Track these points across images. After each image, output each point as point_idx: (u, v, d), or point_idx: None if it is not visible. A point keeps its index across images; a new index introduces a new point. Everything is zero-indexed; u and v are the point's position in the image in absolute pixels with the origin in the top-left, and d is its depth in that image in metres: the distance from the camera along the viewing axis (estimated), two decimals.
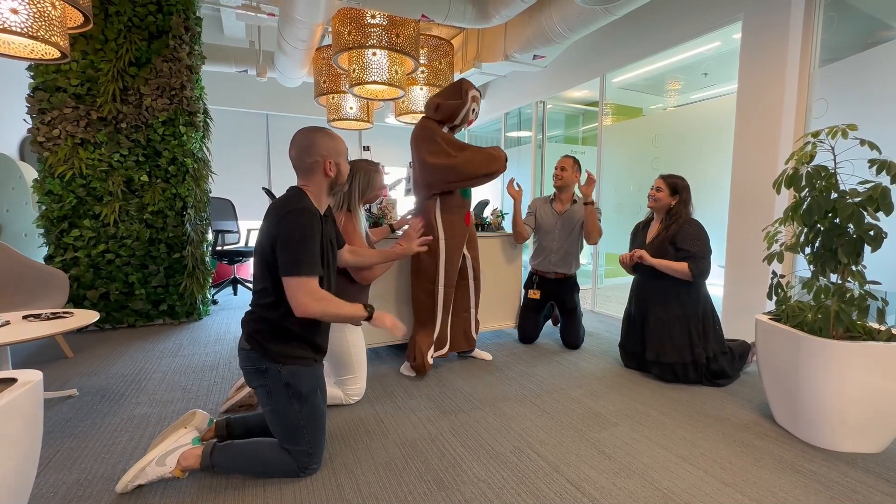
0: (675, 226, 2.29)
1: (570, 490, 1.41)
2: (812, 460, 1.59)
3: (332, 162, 1.46)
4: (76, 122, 3.02)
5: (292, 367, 1.42)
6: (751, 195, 2.72)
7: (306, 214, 1.36)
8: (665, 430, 1.79)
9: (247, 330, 1.45)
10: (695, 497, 1.38)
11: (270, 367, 1.41)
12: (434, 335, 2.40)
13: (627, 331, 2.52)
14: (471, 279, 2.53)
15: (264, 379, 1.42)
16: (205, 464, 1.41)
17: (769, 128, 2.61)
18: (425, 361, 2.31)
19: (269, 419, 1.45)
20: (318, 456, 1.49)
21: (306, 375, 1.45)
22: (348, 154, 1.55)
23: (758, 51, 2.66)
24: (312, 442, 1.45)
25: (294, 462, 1.44)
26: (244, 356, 1.45)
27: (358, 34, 2.95)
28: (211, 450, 1.42)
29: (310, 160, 1.44)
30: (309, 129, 1.47)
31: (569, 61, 4.33)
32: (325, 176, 1.47)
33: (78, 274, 3.07)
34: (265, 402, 1.45)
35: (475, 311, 2.59)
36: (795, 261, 2.53)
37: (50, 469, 1.49)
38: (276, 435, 1.46)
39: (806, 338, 1.64)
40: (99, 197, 3.11)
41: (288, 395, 1.41)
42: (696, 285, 2.27)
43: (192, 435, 1.47)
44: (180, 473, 1.40)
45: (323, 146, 1.45)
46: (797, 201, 1.71)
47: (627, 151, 3.84)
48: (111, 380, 2.27)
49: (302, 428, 1.43)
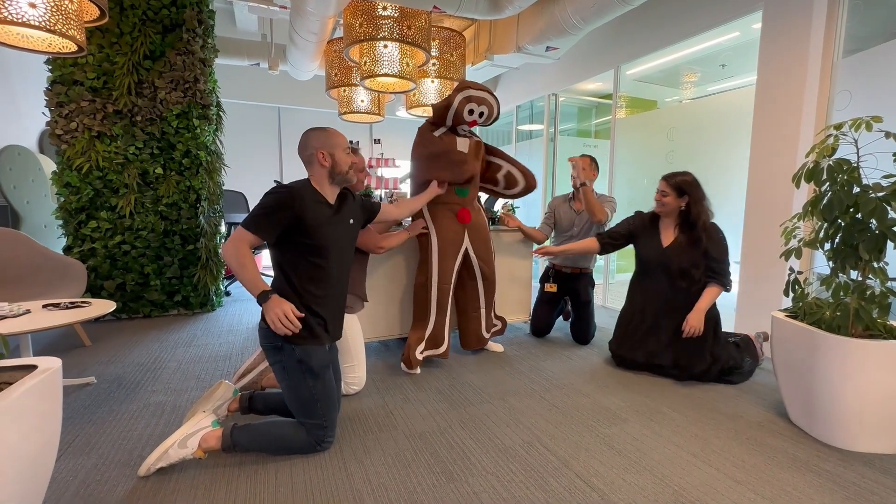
0: (706, 235, 2.15)
1: (580, 485, 1.40)
2: (827, 460, 1.56)
3: (325, 153, 1.55)
4: (93, 115, 3.07)
5: (304, 346, 1.50)
6: (769, 190, 2.65)
7: (283, 191, 1.47)
8: (676, 427, 1.78)
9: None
10: (706, 494, 1.36)
11: (285, 345, 1.49)
12: (426, 331, 2.34)
13: (626, 334, 2.36)
14: (479, 279, 2.49)
15: (280, 355, 1.50)
16: (226, 444, 1.47)
17: (789, 120, 2.54)
18: (412, 355, 2.25)
19: (286, 395, 1.55)
20: (332, 430, 1.58)
21: (317, 354, 1.53)
22: (346, 146, 1.62)
23: (778, 41, 2.58)
24: (326, 415, 1.55)
25: (310, 437, 1.53)
26: (262, 333, 1.53)
27: (369, 26, 2.93)
28: (231, 430, 1.48)
29: (306, 153, 1.57)
30: (309, 129, 1.60)
31: (582, 53, 4.26)
32: (321, 166, 1.55)
33: (95, 264, 3.13)
34: (282, 378, 1.54)
35: (486, 311, 2.54)
36: (813, 257, 2.47)
37: (70, 453, 1.53)
38: (293, 409, 1.55)
39: (824, 335, 1.60)
40: (115, 189, 3.16)
41: (301, 370, 1.50)
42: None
43: (211, 418, 1.53)
44: (202, 454, 1.44)
45: (316, 140, 1.56)
46: (817, 196, 1.66)
47: (641, 145, 3.78)
48: (128, 368, 2.32)
49: (316, 401, 1.53)
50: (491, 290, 2.55)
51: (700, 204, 2.18)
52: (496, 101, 2.40)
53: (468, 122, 2.34)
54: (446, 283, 2.34)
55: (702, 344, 2.17)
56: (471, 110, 2.30)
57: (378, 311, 2.58)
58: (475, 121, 2.35)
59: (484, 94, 2.32)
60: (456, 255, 2.38)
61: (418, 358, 2.28)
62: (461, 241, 2.40)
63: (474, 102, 2.30)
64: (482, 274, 2.49)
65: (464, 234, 2.41)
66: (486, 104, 2.34)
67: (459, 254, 2.40)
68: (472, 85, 2.31)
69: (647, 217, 2.41)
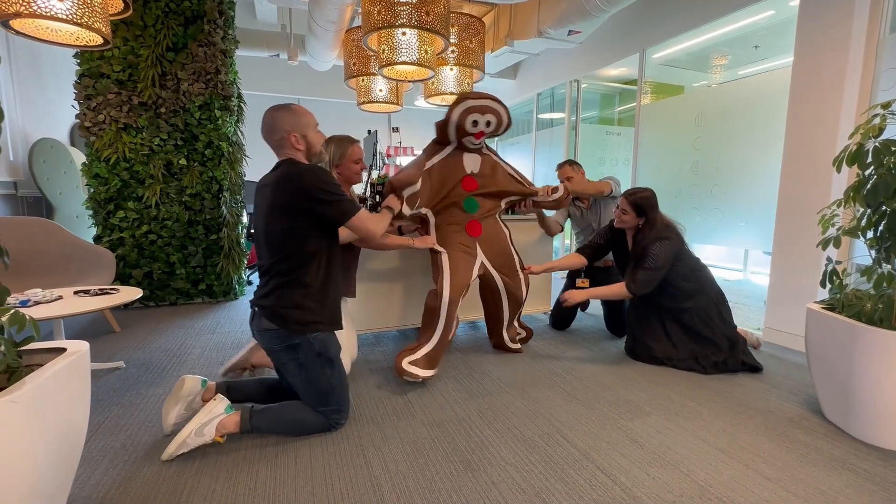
0: (642, 248, 2.23)
1: (601, 478, 1.37)
2: (866, 458, 1.48)
3: (297, 135, 1.48)
4: (119, 107, 3.14)
5: (320, 335, 1.50)
6: (804, 176, 2.52)
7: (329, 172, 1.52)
8: (702, 421, 1.72)
9: (269, 309, 1.48)
10: (734, 491, 1.31)
11: (302, 341, 1.47)
12: (425, 348, 2.06)
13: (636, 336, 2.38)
14: (503, 295, 2.33)
15: (296, 353, 1.49)
16: (244, 428, 1.50)
17: (828, 102, 2.40)
18: (399, 363, 1.97)
19: (302, 389, 1.55)
20: (347, 411, 1.63)
21: (333, 341, 1.54)
22: (316, 124, 1.55)
23: (819, 17, 2.43)
24: (342, 400, 1.59)
25: (327, 420, 1.57)
26: (269, 336, 1.49)
27: (387, 13, 2.90)
28: (250, 415, 1.51)
29: (276, 137, 1.48)
30: (271, 108, 1.50)
31: (606, 36, 4.13)
32: (295, 149, 1.50)
33: (124, 253, 3.23)
34: (296, 375, 1.52)
35: (508, 322, 2.41)
36: (853, 246, 2.34)
37: (100, 434, 1.58)
38: (308, 401, 1.56)
39: (864, 328, 1.51)
40: (141, 180, 3.24)
41: (321, 363, 1.50)
42: (696, 277, 2.23)
43: (224, 404, 1.53)
44: (220, 439, 1.47)
45: (285, 122, 1.47)
46: (860, 180, 1.56)
47: (667, 132, 3.64)
48: (154, 354, 2.39)
49: (333, 390, 1.56)
50: (515, 306, 2.38)
51: (652, 227, 2.24)
52: (503, 108, 2.19)
53: (474, 133, 2.16)
54: (458, 294, 2.15)
55: (712, 329, 2.18)
56: (474, 122, 2.12)
57: (396, 299, 2.59)
58: (482, 132, 2.17)
59: (486, 102, 2.13)
60: (470, 269, 2.23)
61: (404, 368, 1.97)
62: (474, 255, 2.27)
63: (476, 112, 2.11)
64: (506, 290, 2.33)
65: (475, 246, 2.28)
66: (491, 111, 2.14)
67: (474, 267, 2.25)
68: (471, 95, 2.14)
69: (611, 223, 2.52)
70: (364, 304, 2.51)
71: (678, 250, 2.22)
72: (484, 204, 2.34)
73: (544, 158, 5.44)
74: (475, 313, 2.76)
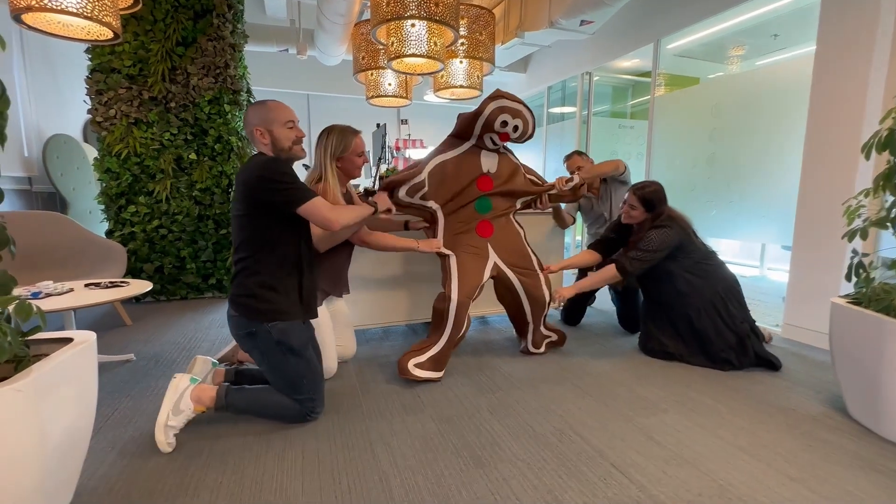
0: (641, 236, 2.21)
1: (616, 475, 1.33)
2: (895, 459, 1.42)
3: (262, 129, 1.51)
4: (130, 101, 3.15)
5: (280, 323, 1.49)
6: (827, 166, 2.43)
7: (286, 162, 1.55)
8: (721, 419, 1.66)
9: (231, 296, 1.53)
10: (756, 490, 1.26)
11: (259, 329, 1.48)
12: (432, 350, 2.02)
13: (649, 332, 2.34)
14: (523, 297, 2.24)
15: (255, 341, 1.50)
16: (219, 404, 1.51)
17: (853, 90, 2.31)
18: (404, 364, 1.97)
19: (270, 376, 1.56)
20: (321, 401, 1.62)
21: (295, 330, 1.52)
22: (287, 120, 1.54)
23: (844, 1, 2.34)
24: (314, 389, 1.58)
25: (300, 407, 1.57)
26: (232, 323, 1.53)
27: (396, 5, 2.86)
28: (226, 392, 1.51)
29: (247, 130, 1.55)
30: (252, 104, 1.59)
31: (619, 26, 4.04)
32: (261, 143, 1.53)
33: (135, 248, 3.25)
34: (261, 362, 1.54)
35: (534, 326, 2.30)
36: (879, 238, 2.26)
37: (109, 425, 1.58)
38: (279, 388, 1.56)
39: (893, 323, 1.45)
40: (152, 174, 3.25)
41: (282, 351, 1.50)
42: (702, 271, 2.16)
43: (187, 377, 1.53)
44: (202, 409, 1.49)
45: (253, 116, 1.53)
46: (891, 167, 1.49)
47: (683, 123, 3.56)
48: (164, 347, 2.39)
49: (301, 378, 1.55)
50: (538, 307, 2.25)
51: (660, 221, 2.19)
52: (532, 118, 2.15)
53: (499, 133, 2.12)
54: (467, 296, 2.08)
55: (716, 325, 2.12)
56: (504, 122, 2.08)
57: (404, 294, 2.56)
58: (507, 134, 2.12)
59: (519, 107, 2.10)
60: (481, 271, 2.17)
61: (408, 369, 1.95)
62: (485, 256, 2.21)
63: (508, 114, 2.07)
64: (525, 290, 2.22)
65: (486, 247, 2.23)
66: (521, 117, 2.10)
67: (486, 269, 2.19)
68: (508, 95, 2.10)
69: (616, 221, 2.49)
70: (372, 299, 2.50)
71: (680, 242, 2.15)
72: (498, 204, 2.29)
73: (556, 154, 5.36)
74: (484, 308, 2.72)
